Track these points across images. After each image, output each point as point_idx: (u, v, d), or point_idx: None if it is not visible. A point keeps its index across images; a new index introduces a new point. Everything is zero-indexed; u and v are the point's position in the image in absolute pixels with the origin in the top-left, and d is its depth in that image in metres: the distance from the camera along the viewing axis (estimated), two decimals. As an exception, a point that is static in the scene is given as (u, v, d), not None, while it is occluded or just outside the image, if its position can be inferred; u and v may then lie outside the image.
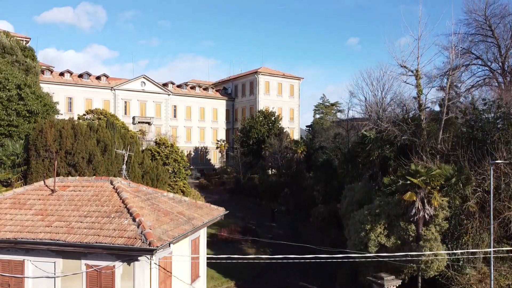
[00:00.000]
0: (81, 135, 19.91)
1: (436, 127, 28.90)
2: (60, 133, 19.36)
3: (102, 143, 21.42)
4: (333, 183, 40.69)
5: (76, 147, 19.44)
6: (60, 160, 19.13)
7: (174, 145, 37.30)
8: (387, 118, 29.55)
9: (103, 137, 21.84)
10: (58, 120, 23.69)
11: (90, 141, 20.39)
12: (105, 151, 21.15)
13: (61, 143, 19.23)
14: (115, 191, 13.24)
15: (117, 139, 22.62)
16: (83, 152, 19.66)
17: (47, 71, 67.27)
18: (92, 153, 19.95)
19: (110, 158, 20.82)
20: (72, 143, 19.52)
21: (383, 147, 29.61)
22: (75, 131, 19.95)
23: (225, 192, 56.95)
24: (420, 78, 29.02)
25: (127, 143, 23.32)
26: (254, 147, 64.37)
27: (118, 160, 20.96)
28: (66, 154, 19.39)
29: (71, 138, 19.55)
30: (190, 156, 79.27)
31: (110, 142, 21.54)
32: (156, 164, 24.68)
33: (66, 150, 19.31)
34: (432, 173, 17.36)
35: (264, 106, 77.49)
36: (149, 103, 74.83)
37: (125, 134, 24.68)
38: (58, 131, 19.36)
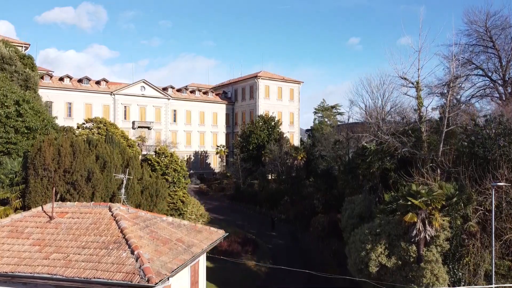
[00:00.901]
0: (80, 152, 19.79)
1: (436, 139, 28.82)
2: (58, 151, 19.24)
3: (101, 159, 21.29)
4: (333, 192, 40.63)
5: (75, 165, 19.31)
6: (58, 179, 19.01)
7: (174, 154, 37.14)
8: (388, 129, 29.43)
9: (102, 153, 21.70)
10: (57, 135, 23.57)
11: (89, 158, 20.27)
12: (104, 167, 21.02)
13: (60, 161, 19.11)
14: (114, 219, 13.11)
15: (116, 154, 22.49)
16: (82, 170, 19.53)
17: (46, 76, 67.15)
18: (91, 171, 19.82)
19: (110, 175, 20.69)
20: (71, 161, 19.40)
21: (384, 159, 29.53)
22: (73, 149, 19.82)
23: (225, 199, 56.85)
24: (420, 90, 28.93)
25: (126, 158, 23.19)
26: (254, 153, 64.28)
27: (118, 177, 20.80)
28: (65, 172, 19.26)
29: (69, 156, 19.43)
30: (190, 160, 79.24)
31: (109, 158, 21.41)
32: (155, 179, 24.52)
33: (64, 168, 19.18)
34: (433, 194, 17.23)
35: (264, 110, 77.42)
36: (149, 107, 74.70)
37: (124, 149, 24.52)
38: (56, 150, 19.24)
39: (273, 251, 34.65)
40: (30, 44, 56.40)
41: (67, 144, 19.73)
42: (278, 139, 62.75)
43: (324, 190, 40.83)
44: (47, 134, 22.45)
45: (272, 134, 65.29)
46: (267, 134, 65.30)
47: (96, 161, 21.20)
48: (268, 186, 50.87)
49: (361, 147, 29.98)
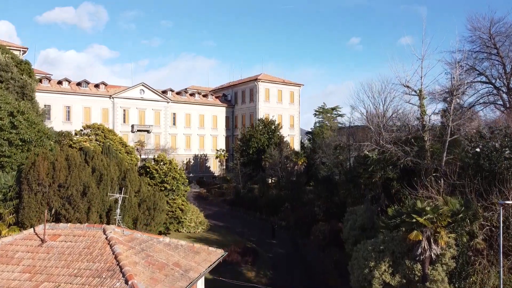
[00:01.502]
0: (75, 166, 19.27)
1: (440, 148, 28.31)
2: (53, 165, 18.73)
3: (98, 172, 20.79)
4: (334, 199, 40.14)
5: (70, 180, 18.80)
6: (53, 194, 18.49)
7: (173, 161, 36.62)
8: (390, 138, 28.89)
9: (99, 165, 21.19)
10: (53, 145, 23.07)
11: (84, 172, 19.76)
12: (100, 181, 20.52)
13: (55, 176, 18.60)
14: (108, 242, 12.59)
15: (113, 166, 21.97)
16: (77, 184, 19.03)
17: (45, 79, 66.67)
18: (87, 185, 19.32)
19: (106, 189, 20.18)
20: (66, 175, 18.90)
21: (386, 168, 29.00)
22: (69, 163, 19.32)
23: (225, 204, 56.31)
24: (423, 99, 28.42)
25: (123, 170, 22.67)
26: (254, 157, 63.72)
27: (114, 190, 20.29)
28: (60, 187, 18.76)
29: (64, 170, 18.92)
30: (190, 164, 78.78)
31: (105, 171, 20.90)
32: (153, 191, 24.00)
33: (59, 183, 18.67)
34: (439, 211, 16.70)
35: (264, 113, 76.87)
36: (148, 111, 74.19)
37: (121, 161, 24.01)
38: (51, 164, 18.73)
39: (274, 261, 34.11)
40: (28, 48, 55.95)
41: (62, 158, 19.22)
42: (278, 143, 62.23)
43: (325, 197, 40.31)
44: (42, 145, 21.94)
45: (272, 138, 64.75)
46: (267, 138, 64.76)
47: (92, 174, 20.70)
48: (268, 191, 50.33)
49: (363, 155, 29.44)
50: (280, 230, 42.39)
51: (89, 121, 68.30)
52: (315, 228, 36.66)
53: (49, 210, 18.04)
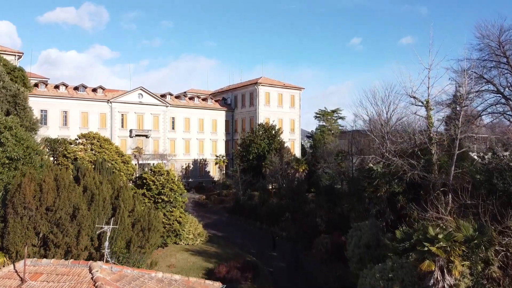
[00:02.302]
0: (64, 188, 18.15)
1: (447, 162, 27.19)
2: (40, 187, 17.62)
3: (89, 192, 19.67)
4: (336, 210, 39.04)
5: (59, 202, 17.69)
6: (40, 218, 17.38)
7: (171, 172, 35.49)
8: (395, 149, 27.75)
9: (90, 184, 20.06)
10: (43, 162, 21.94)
11: (74, 193, 18.63)
12: (92, 201, 19.40)
13: (42, 198, 17.50)
14: (94, 284, 11.46)
15: (105, 184, 20.85)
16: (66, 206, 17.92)
17: (41, 84, 65.65)
18: (77, 207, 18.21)
19: (97, 210, 19.07)
20: (54, 197, 17.78)
21: (391, 182, 27.87)
22: (57, 183, 18.20)
23: (224, 212, 55.17)
24: (431, 110, 27.28)
25: (116, 188, 21.55)
26: (254, 163, 62.68)
27: (106, 210, 19.18)
28: (48, 210, 17.65)
29: (52, 192, 17.80)
30: (189, 168, 77.76)
31: (97, 190, 19.77)
32: (148, 210, 22.87)
33: (47, 206, 17.57)
34: (453, 238, 15.57)
35: (265, 117, 75.86)
36: (146, 115, 73.13)
37: (114, 179, 22.87)
38: (38, 185, 17.61)
39: (274, 275, 32.97)
40: (23, 53, 54.86)
41: (50, 178, 18.09)
42: (279, 149, 61.18)
43: (327, 208, 39.19)
44: (31, 163, 20.81)
45: (272, 143, 63.71)
46: (267, 143, 63.71)
47: (83, 194, 19.58)
48: (269, 200, 49.18)
49: (367, 168, 28.30)
50: (281, 241, 41.23)
51: (87, 126, 67.33)
52: (317, 240, 35.51)
53: (36, 234, 16.94)
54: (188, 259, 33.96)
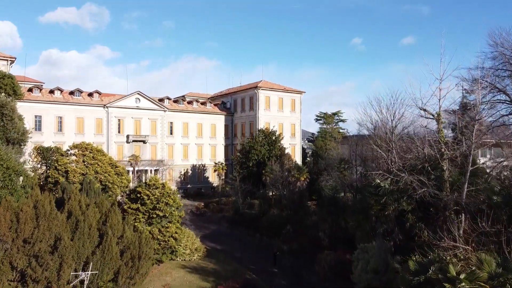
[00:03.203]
0: (44, 216, 16.50)
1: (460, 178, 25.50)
2: (17, 217, 15.98)
3: (74, 218, 17.99)
4: (340, 223, 37.38)
5: (38, 233, 16.05)
6: (17, 251, 15.73)
7: (166, 185, 33.79)
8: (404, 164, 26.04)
9: (75, 209, 18.38)
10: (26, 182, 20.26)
11: (56, 221, 16.98)
12: (76, 229, 17.74)
13: (18, 229, 15.86)
14: None
15: (92, 208, 19.19)
16: (46, 237, 16.27)
17: (35, 89, 64.05)
18: (59, 237, 16.56)
19: (82, 238, 17.42)
20: (32, 228, 16.14)
21: (400, 200, 26.20)
22: (37, 212, 16.55)
23: (224, 221, 53.43)
24: (442, 123, 25.59)
25: (104, 212, 19.87)
26: (254, 169, 61.01)
27: (92, 238, 17.50)
28: (25, 243, 16.01)
29: (31, 222, 16.17)
30: (188, 174, 76.16)
31: (82, 216, 18.10)
32: (138, 235, 21.18)
33: (24, 238, 15.93)
34: (476, 278, 13.89)
35: (265, 122, 74.24)
36: (144, 120, 71.48)
37: (102, 201, 21.20)
38: (14, 214, 15.98)
39: (275, 295, 31.35)
40: (16, 58, 53.26)
41: (28, 207, 16.42)
42: (279, 156, 59.47)
43: (330, 222, 37.51)
44: (11, 185, 19.14)
45: (273, 149, 62.02)
46: (267, 149, 62.04)
47: (67, 220, 17.90)
48: (269, 210, 47.48)
49: (374, 185, 26.60)
50: (282, 255, 39.51)
51: (82, 132, 65.71)
52: (320, 257, 33.77)
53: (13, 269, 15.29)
54: (184, 277, 32.26)
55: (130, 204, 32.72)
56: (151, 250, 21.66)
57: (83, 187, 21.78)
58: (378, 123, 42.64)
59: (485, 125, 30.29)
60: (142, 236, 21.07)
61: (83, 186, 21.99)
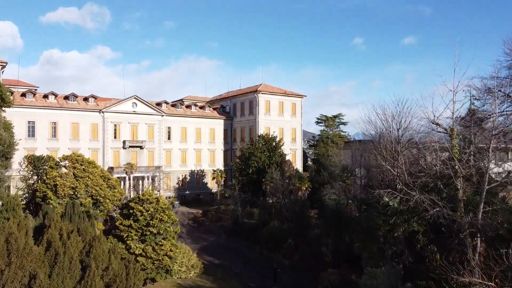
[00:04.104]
0: (17, 253, 14.69)
1: (475, 198, 23.70)
2: (-14, 254, 14.20)
3: (53, 250, 16.19)
4: (344, 238, 35.56)
5: (9, 273, 14.25)
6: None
7: (160, 200, 31.97)
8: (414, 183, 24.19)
9: (55, 238, 16.57)
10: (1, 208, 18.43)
11: (31, 256, 15.18)
12: (55, 262, 15.94)
13: (-13, 269, 14.10)
14: None
15: (74, 237, 17.38)
16: (19, 277, 14.48)
17: (29, 94, 62.23)
18: (34, 275, 14.77)
19: (62, 273, 15.62)
20: (3, 266, 14.34)
21: (410, 220, 24.38)
22: (9, 247, 14.76)
23: (222, 231, 51.59)
24: (455, 138, 23.75)
25: (88, 240, 18.06)
26: (253, 177, 59.26)
27: (73, 273, 15.69)
28: (-6, 283, 14.25)
29: (1, 259, 14.38)
30: (186, 180, 74.36)
31: (62, 248, 16.29)
32: (126, 264, 19.35)
33: (-7, 278, 14.16)
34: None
35: (265, 127, 72.48)
36: (141, 125, 69.64)
37: (87, 228, 19.41)
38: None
39: (276, 318, 29.56)
40: (7, 63, 51.65)
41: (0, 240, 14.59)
42: (280, 163, 57.67)
43: (333, 236, 35.70)
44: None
45: (273, 156, 60.24)
46: (268, 156, 60.27)
47: (45, 253, 16.09)
48: (270, 221, 45.65)
49: (382, 204, 24.77)
50: (283, 270, 37.69)
51: (77, 138, 63.89)
52: (324, 276, 31.98)
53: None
54: (179, 298, 30.56)
55: (122, 220, 30.95)
56: (140, 281, 19.80)
57: (66, 211, 20.02)
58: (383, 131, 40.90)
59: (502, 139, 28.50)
60: (130, 266, 19.23)
61: (66, 210, 20.22)
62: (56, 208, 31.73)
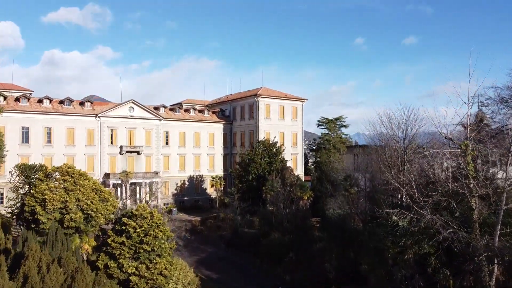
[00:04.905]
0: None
1: (492, 219, 22.05)
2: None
3: (29, 286, 14.53)
4: (349, 254, 33.86)
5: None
6: None
7: (155, 215, 30.27)
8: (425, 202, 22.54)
9: (32, 272, 14.92)
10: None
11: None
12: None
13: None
14: None
15: (54, 269, 15.70)
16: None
17: (23, 98, 60.58)
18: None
19: (39, 313, 14.00)
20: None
21: (421, 242, 22.71)
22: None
23: (221, 242, 49.93)
24: (469, 155, 22.07)
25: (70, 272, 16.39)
26: (253, 184, 57.57)
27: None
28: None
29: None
30: (184, 186, 72.69)
31: (41, 283, 14.64)
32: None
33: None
34: None
35: (265, 131, 70.82)
36: (138, 130, 67.99)
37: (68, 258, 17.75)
38: None
39: None
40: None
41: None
42: (281, 170, 55.97)
43: (337, 252, 34.02)
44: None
45: (274, 162, 58.53)
46: (268, 162, 58.57)
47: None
48: (270, 232, 43.95)
49: (391, 224, 23.09)
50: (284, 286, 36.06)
51: (73, 143, 62.26)
52: (327, 295, 30.40)
53: None
54: (175, 319, 28.87)
55: (114, 237, 29.28)
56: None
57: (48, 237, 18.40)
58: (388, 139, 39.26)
59: None
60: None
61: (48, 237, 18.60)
62: (45, 223, 30.12)
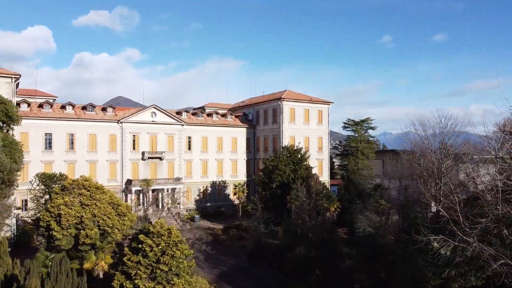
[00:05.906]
0: None
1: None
2: None
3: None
4: (380, 274, 31.31)
5: None
6: None
7: (173, 232, 28.60)
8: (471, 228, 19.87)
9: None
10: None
11: None
12: None
13: None
14: None
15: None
16: None
17: (46, 105, 60.50)
18: None
19: None
20: None
21: (468, 274, 20.06)
22: None
23: (243, 253, 48.06)
24: (525, 175, 19.24)
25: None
26: (277, 191, 55.45)
27: None
28: None
29: None
30: (207, 192, 71.36)
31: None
32: None
33: None
34: None
35: (289, 136, 68.54)
36: (160, 135, 67.03)
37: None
38: None
39: None
40: (20, 75, 49.66)
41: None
42: (306, 177, 53.64)
43: (368, 272, 31.53)
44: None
45: (299, 169, 56.23)
46: (292, 169, 56.30)
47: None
48: (295, 246, 41.73)
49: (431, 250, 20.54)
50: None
51: (95, 150, 61.83)
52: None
53: None
54: None
55: (130, 255, 27.80)
56: None
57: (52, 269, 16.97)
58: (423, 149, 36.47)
59: None
60: None
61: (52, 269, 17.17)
62: (61, 240, 29.03)
